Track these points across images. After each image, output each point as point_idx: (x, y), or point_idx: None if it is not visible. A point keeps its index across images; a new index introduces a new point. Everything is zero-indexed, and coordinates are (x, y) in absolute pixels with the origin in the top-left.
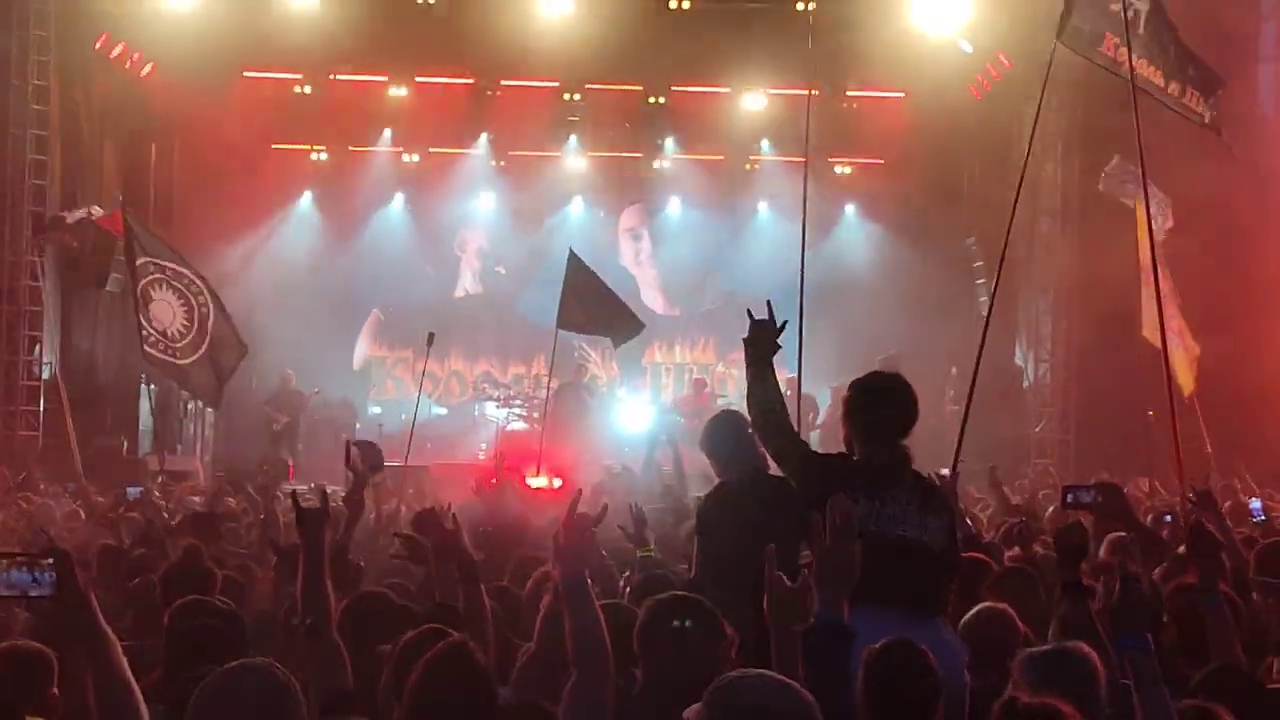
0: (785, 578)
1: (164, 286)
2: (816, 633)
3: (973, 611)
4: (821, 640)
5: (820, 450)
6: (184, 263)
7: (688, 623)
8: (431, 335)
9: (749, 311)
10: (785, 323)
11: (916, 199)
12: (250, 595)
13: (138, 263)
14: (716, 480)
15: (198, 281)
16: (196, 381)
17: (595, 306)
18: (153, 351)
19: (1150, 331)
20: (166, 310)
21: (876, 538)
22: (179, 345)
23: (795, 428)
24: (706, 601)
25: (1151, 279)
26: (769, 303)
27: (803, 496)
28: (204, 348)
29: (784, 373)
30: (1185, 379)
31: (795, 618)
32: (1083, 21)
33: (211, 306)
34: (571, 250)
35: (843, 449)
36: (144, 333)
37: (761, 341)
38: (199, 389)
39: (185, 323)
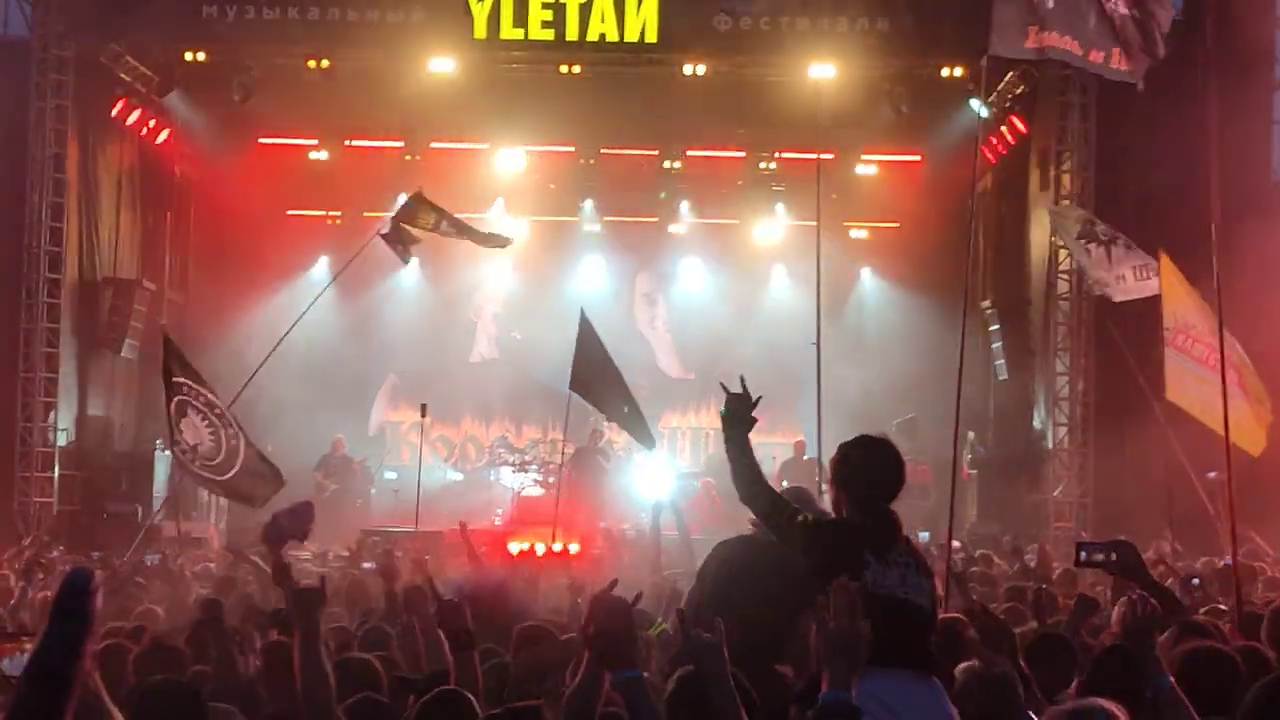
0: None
1: (193, 411)
2: (825, 711)
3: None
4: (829, 718)
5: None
6: (214, 394)
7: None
8: (424, 407)
9: (722, 385)
10: (760, 397)
11: (932, 263)
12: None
13: (174, 379)
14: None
15: (227, 415)
16: (246, 492)
17: (602, 386)
18: (186, 461)
19: (1176, 394)
20: (194, 433)
21: (886, 601)
22: (213, 463)
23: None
24: (738, 674)
25: (1176, 339)
26: (741, 377)
27: (807, 562)
28: (238, 466)
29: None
30: (1249, 440)
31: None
32: (1004, 25)
33: (241, 439)
34: (583, 311)
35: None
36: (176, 438)
37: (738, 416)
38: (249, 498)
39: (212, 446)
